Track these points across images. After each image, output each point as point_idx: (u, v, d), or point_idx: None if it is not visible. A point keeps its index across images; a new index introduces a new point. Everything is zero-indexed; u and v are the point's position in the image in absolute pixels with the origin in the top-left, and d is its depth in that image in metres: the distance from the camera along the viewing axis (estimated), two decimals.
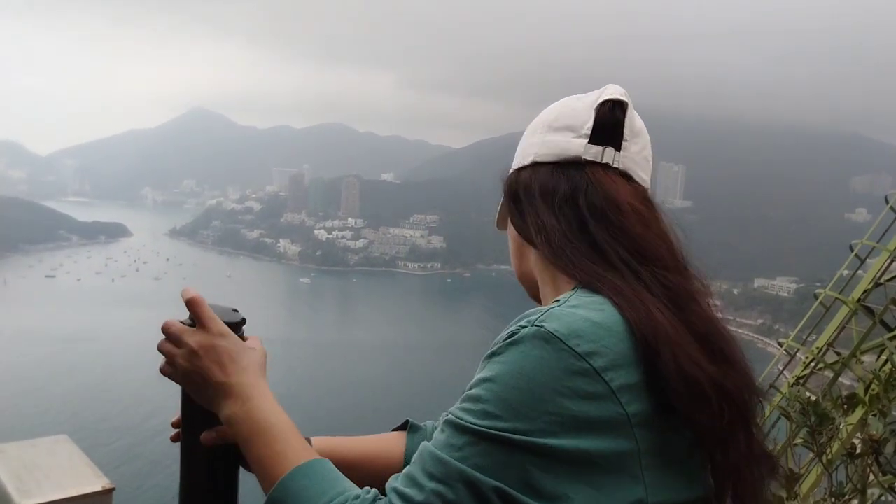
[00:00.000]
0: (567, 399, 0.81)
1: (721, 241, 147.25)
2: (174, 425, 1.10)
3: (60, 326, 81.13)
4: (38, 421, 50.39)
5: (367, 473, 1.25)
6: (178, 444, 0.99)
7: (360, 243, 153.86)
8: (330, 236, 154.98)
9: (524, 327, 0.86)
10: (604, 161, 1.05)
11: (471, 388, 0.88)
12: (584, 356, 0.82)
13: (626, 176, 1.06)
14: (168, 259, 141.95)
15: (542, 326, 0.85)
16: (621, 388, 0.82)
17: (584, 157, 1.06)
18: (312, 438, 1.22)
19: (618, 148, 1.06)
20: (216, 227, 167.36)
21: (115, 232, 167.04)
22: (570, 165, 1.06)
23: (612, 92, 1.08)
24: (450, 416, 0.87)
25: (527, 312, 0.91)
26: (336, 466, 1.14)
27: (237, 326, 1.06)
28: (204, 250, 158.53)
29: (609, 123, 1.07)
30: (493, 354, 0.87)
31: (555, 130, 1.08)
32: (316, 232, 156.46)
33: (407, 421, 1.34)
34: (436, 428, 1.30)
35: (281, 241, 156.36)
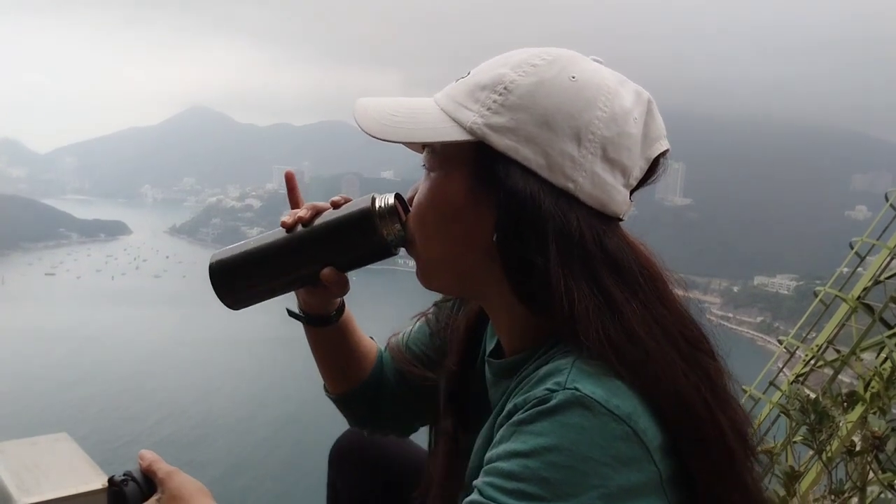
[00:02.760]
0: (610, 468, 0.74)
1: (721, 238, 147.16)
2: (300, 219, 1.07)
3: (60, 324, 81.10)
4: (38, 420, 50.42)
5: (361, 346, 1.30)
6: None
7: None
8: None
9: (554, 391, 0.77)
10: (624, 219, 0.91)
11: (498, 460, 0.78)
12: (625, 419, 0.76)
13: None
14: (168, 257, 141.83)
15: (576, 389, 0.76)
16: (656, 447, 0.78)
17: (622, 217, 0.90)
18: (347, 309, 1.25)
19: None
20: (216, 225, 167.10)
21: (114, 230, 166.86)
22: (605, 219, 0.88)
23: (665, 135, 0.92)
24: (479, 497, 0.78)
25: (548, 370, 0.81)
26: (347, 326, 1.26)
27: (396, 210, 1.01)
28: (204, 248, 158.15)
29: (649, 177, 0.93)
30: (522, 423, 0.78)
31: (609, 163, 0.86)
32: None
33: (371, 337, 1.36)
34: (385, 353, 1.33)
35: None
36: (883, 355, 8.65)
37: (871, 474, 1.62)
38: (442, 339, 1.22)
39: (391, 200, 1.01)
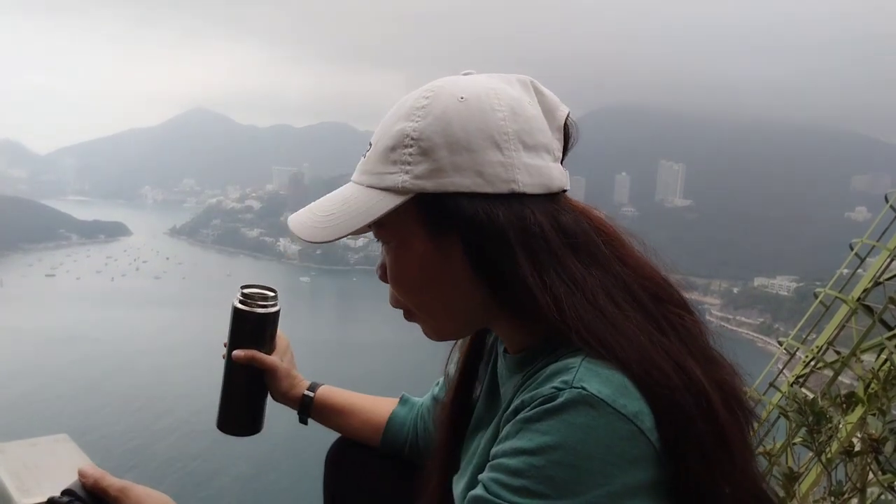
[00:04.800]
0: (615, 467, 0.75)
1: (721, 239, 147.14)
2: (225, 345, 1.33)
3: (60, 326, 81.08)
4: (38, 421, 50.35)
5: (350, 423, 1.44)
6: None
7: (360, 242, 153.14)
8: None
9: (560, 389, 0.78)
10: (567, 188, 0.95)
11: (504, 457, 0.80)
12: (632, 418, 0.77)
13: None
14: (168, 258, 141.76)
15: (583, 388, 0.77)
16: (662, 447, 0.78)
17: (566, 188, 0.93)
18: (321, 386, 1.45)
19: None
20: (216, 226, 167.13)
21: (114, 231, 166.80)
22: (553, 197, 0.92)
23: (560, 101, 0.96)
24: (483, 492, 0.80)
25: (556, 368, 0.82)
26: (327, 410, 1.44)
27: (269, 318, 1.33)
28: (204, 249, 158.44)
29: (566, 142, 0.97)
30: (529, 420, 0.79)
31: (532, 150, 0.90)
32: None
33: (402, 395, 1.49)
34: (424, 406, 1.42)
35: (281, 239, 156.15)
36: (882, 357, 8.63)
37: (871, 475, 1.61)
38: None
39: (239, 295, 1.30)
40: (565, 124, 0.95)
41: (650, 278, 0.91)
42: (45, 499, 1.00)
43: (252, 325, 1.32)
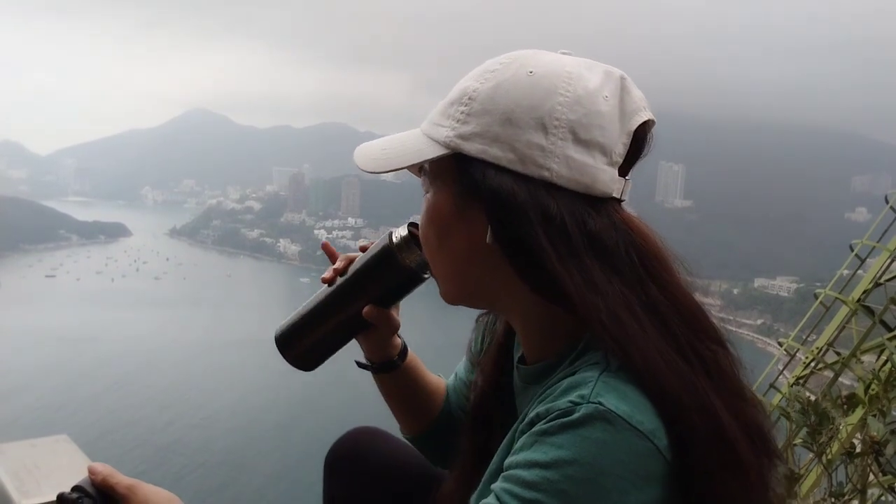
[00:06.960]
0: (630, 484, 0.75)
1: (721, 240, 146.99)
2: (336, 271, 1.19)
3: (61, 326, 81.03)
4: (38, 422, 50.32)
5: (433, 404, 1.33)
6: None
7: (360, 243, 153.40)
8: (330, 236, 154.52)
9: (577, 404, 0.77)
10: (622, 197, 0.91)
11: (517, 468, 0.79)
12: (649, 435, 0.76)
13: None
14: (168, 259, 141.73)
15: (600, 404, 0.76)
16: (680, 466, 0.78)
17: (614, 195, 0.90)
18: (409, 353, 1.30)
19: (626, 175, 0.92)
20: (216, 227, 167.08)
21: (114, 231, 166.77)
22: (591, 200, 0.88)
23: (646, 107, 0.91)
24: (497, 502, 0.79)
25: (572, 382, 0.81)
26: (420, 385, 1.31)
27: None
28: (204, 250, 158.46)
29: (637, 151, 0.93)
30: (544, 433, 0.78)
31: (582, 145, 0.87)
32: (316, 232, 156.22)
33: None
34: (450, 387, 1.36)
35: (281, 240, 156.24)
36: (883, 358, 8.63)
37: (872, 477, 1.60)
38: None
39: (405, 231, 1.10)
40: (642, 132, 0.91)
41: (686, 307, 0.89)
42: (45, 499, 0.99)
43: (401, 282, 1.13)
